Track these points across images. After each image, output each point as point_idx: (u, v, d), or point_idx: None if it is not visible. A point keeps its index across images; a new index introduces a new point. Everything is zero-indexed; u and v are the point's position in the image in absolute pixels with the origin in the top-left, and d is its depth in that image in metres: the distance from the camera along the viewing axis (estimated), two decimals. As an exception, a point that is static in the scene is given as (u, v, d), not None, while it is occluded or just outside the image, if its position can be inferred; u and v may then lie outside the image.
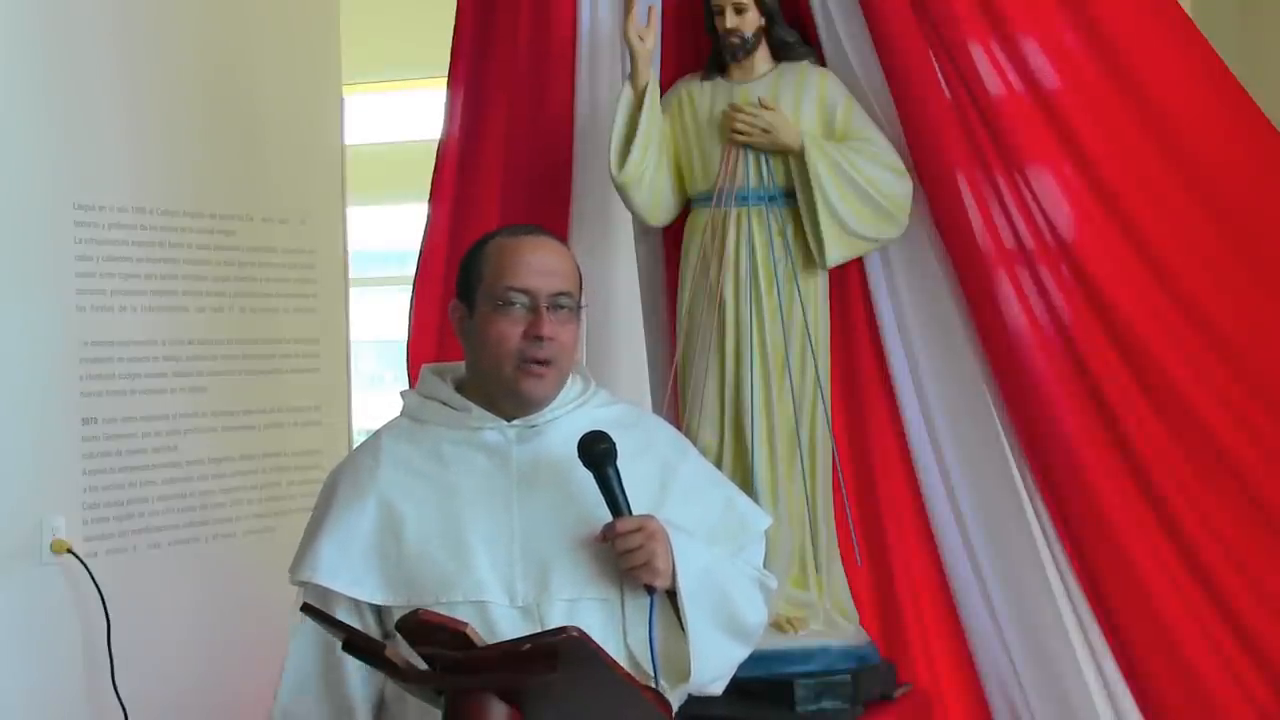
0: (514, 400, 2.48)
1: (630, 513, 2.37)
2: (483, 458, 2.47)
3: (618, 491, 2.37)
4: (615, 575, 2.40)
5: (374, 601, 2.43)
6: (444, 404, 2.52)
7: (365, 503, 2.46)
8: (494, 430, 2.48)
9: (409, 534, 2.43)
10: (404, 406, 2.60)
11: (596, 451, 2.38)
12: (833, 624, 3.31)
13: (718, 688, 2.49)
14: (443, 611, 2.30)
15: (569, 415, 2.51)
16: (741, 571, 2.53)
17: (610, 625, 2.38)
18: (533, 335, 2.42)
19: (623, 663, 2.32)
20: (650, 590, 2.36)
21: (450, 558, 2.41)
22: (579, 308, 2.50)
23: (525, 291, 2.43)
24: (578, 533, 2.40)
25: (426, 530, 2.43)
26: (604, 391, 2.63)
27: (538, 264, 2.45)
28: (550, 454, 2.46)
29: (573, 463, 2.40)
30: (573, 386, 2.56)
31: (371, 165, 5.83)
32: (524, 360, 2.43)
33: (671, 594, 2.39)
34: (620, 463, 2.41)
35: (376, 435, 2.58)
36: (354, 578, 2.43)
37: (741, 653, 2.52)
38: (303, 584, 2.48)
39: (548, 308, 2.43)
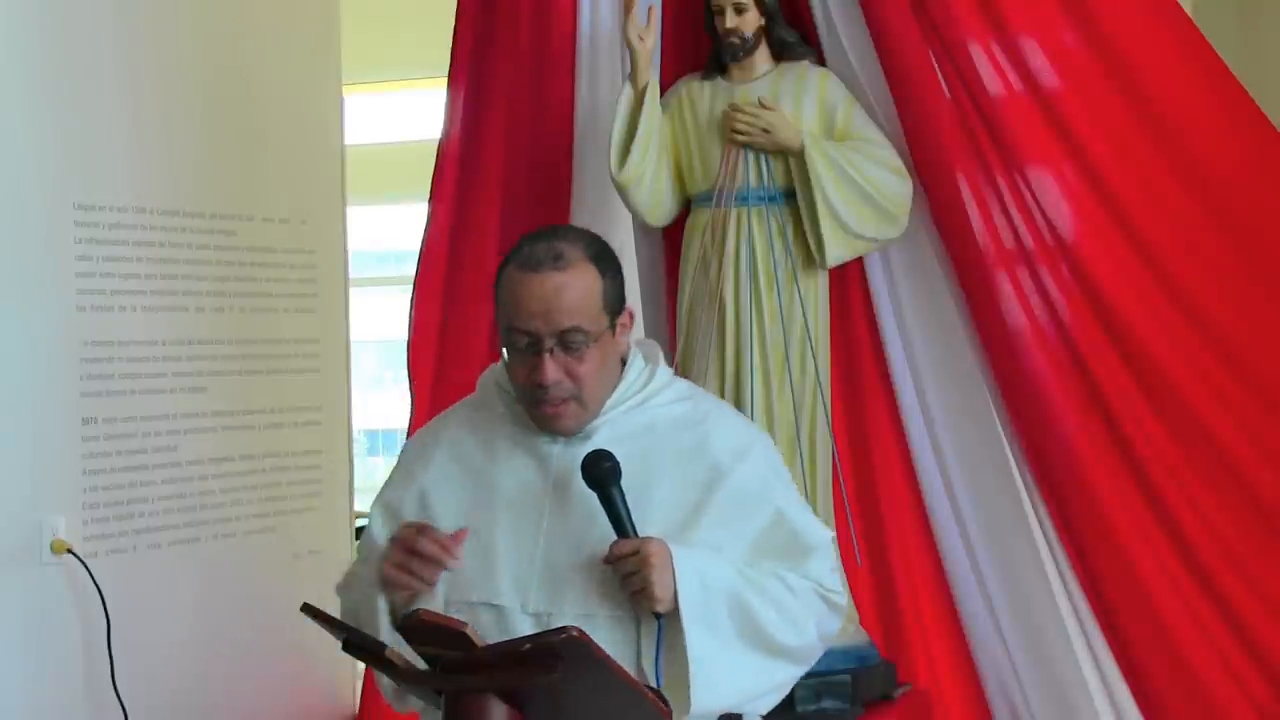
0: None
1: (634, 533, 2.31)
2: (527, 458, 2.44)
3: (622, 512, 2.31)
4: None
5: None
6: (509, 393, 2.48)
7: (411, 489, 2.49)
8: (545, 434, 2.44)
9: (441, 527, 2.42)
10: (480, 384, 2.55)
11: (598, 471, 2.32)
12: (833, 624, 3.30)
13: (759, 706, 2.41)
14: (461, 611, 2.33)
15: (626, 414, 2.44)
16: (776, 587, 2.40)
17: (622, 642, 2.33)
18: (535, 382, 2.36)
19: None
20: (658, 616, 2.30)
21: (475, 558, 2.39)
22: (600, 334, 2.36)
23: (527, 333, 2.35)
24: (601, 547, 2.33)
25: (457, 527, 2.41)
26: (679, 384, 2.52)
27: (538, 304, 2.34)
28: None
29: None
30: (633, 381, 2.46)
31: (371, 165, 5.83)
32: (535, 400, 2.38)
33: None
34: (665, 465, 2.37)
35: (448, 413, 2.59)
36: None
37: (779, 669, 2.41)
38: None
39: (551, 350, 2.34)
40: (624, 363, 2.48)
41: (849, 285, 3.51)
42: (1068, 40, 3.31)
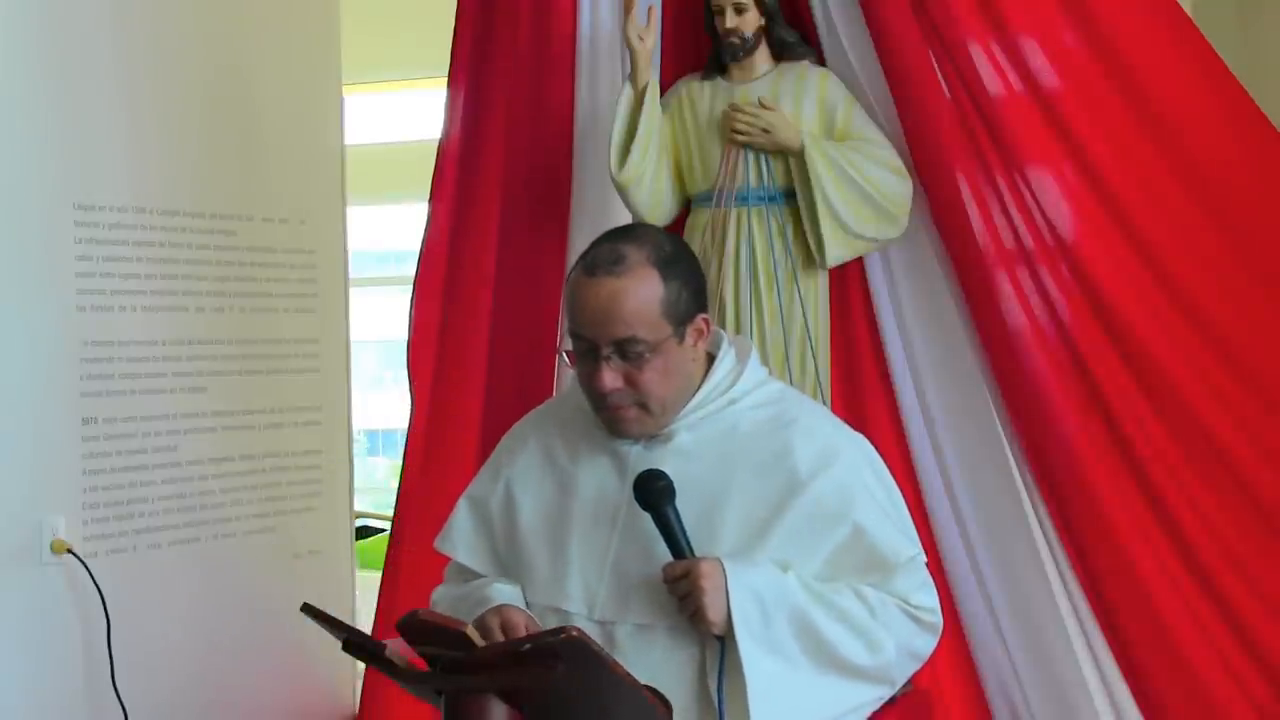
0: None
1: (690, 552, 2.28)
2: (607, 461, 2.42)
3: (677, 532, 2.28)
4: None
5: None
6: None
7: (498, 484, 2.51)
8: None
9: (522, 523, 2.45)
10: (571, 381, 2.53)
11: (650, 493, 2.29)
12: (833, 624, 3.30)
13: None
14: (528, 613, 2.35)
15: (708, 417, 2.41)
16: (851, 604, 2.33)
17: (683, 659, 2.31)
18: (594, 389, 2.34)
19: (695, 705, 2.27)
20: (719, 637, 2.27)
21: (548, 560, 2.41)
22: (660, 342, 2.31)
23: (584, 340, 2.33)
24: (668, 557, 2.31)
25: (537, 526, 2.44)
26: (770, 386, 2.49)
27: (592, 312, 2.30)
28: (668, 466, 2.33)
29: (686, 478, 2.31)
30: (719, 382, 2.43)
31: (371, 165, 5.83)
32: (598, 406, 2.36)
33: None
34: (744, 474, 2.34)
35: (543, 409, 2.60)
36: (476, 554, 2.52)
37: (855, 690, 2.34)
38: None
39: (608, 357, 2.30)
40: (712, 359, 2.44)
41: (849, 285, 3.50)
42: (1068, 40, 3.31)
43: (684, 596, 2.26)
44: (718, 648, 2.27)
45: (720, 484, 2.35)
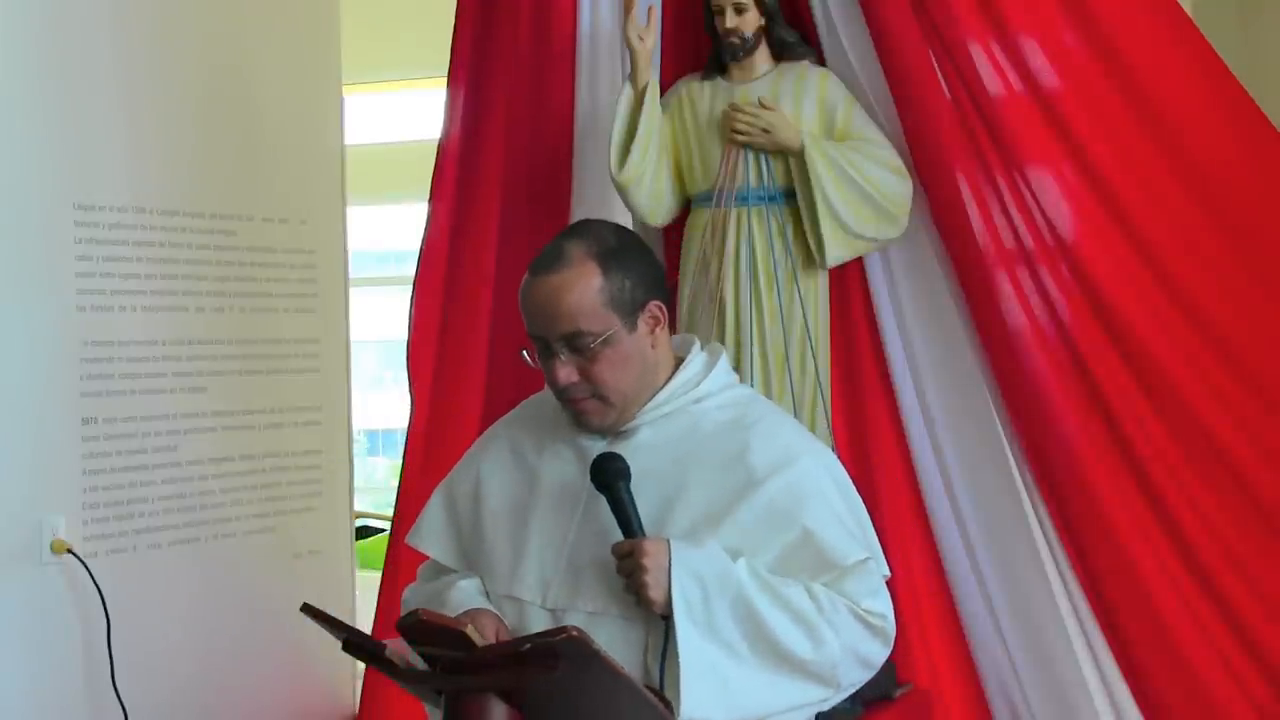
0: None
1: (641, 534, 2.30)
2: (571, 455, 2.45)
3: (629, 513, 2.31)
4: None
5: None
6: None
7: (469, 475, 2.55)
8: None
9: (487, 514, 2.48)
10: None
11: (605, 472, 2.32)
12: (833, 624, 3.30)
13: None
14: (490, 604, 2.37)
15: (671, 416, 2.43)
16: (798, 596, 2.32)
17: (629, 644, 2.32)
18: (552, 384, 2.39)
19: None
20: (665, 618, 2.27)
21: (508, 550, 2.43)
22: (608, 332, 2.35)
23: (537, 338, 2.39)
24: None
25: (500, 518, 2.46)
26: (738, 390, 2.50)
27: (539, 309, 2.37)
28: (629, 461, 2.35)
29: (646, 472, 2.33)
30: (685, 381, 2.45)
31: (371, 165, 5.83)
32: (562, 400, 2.41)
33: None
34: (702, 470, 2.36)
35: (520, 407, 2.63)
36: (442, 546, 2.55)
37: (796, 689, 2.33)
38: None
39: (559, 352, 2.36)
40: (680, 360, 2.47)
41: (849, 285, 3.50)
42: (1068, 40, 3.31)
43: (629, 575, 2.28)
44: (661, 629, 2.28)
45: (677, 479, 2.37)
